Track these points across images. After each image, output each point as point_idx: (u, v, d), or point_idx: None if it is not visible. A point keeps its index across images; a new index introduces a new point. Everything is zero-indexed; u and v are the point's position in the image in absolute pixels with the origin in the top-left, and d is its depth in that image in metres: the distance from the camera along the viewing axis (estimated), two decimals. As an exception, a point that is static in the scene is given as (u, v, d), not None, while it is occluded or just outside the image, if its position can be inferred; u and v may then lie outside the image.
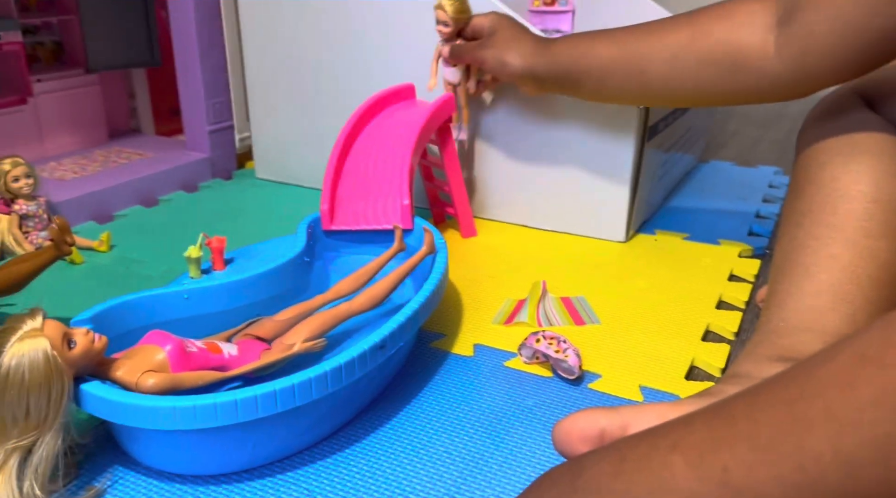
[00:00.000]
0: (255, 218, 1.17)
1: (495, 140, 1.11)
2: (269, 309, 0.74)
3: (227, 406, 0.54)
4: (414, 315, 0.67)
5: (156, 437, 0.57)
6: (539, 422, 0.66)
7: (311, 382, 0.56)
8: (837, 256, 0.60)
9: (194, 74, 1.29)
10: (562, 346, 0.73)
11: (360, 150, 0.97)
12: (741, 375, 0.58)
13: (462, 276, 0.95)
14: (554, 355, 0.72)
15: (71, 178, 1.21)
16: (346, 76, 1.19)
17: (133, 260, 1.01)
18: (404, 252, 0.81)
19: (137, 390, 0.57)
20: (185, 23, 1.26)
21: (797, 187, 0.67)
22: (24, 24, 1.30)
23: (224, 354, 0.64)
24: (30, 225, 1.01)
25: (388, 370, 0.70)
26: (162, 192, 1.26)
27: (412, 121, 0.97)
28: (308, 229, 0.86)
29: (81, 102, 1.37)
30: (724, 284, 0.93)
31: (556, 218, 1.10)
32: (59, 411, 0.55)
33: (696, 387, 0.71)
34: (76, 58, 1.37)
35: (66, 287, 0.93)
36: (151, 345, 0.60)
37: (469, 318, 0.85)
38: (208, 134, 1.33)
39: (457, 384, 0.72)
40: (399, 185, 0.90)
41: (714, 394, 0.54)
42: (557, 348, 0.73)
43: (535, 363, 0.75)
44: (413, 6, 1.10)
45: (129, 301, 0.68)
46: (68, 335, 0.56)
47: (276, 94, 1.28)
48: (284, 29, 1.22)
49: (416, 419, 0.67)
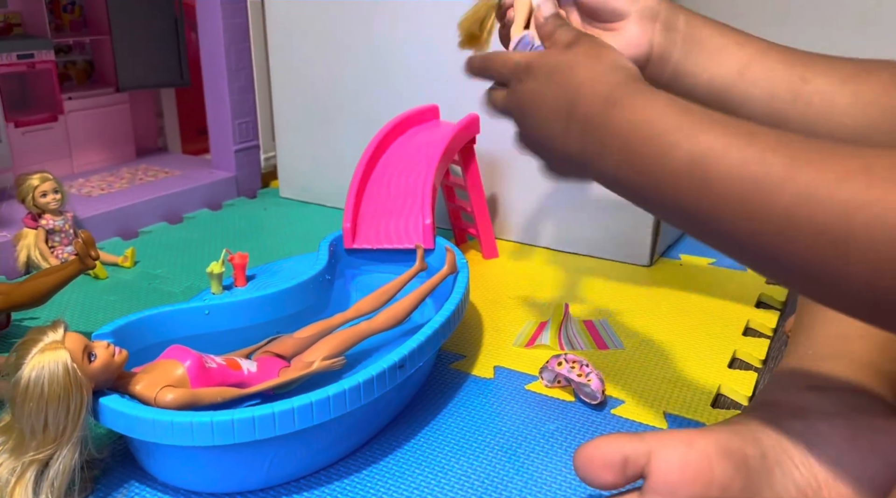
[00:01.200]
0: (278, 236, 1.17)
1: (518, 162, 1.10)
2: (289, 326, 0.74)
3: (245, 423, 0.53)
4: (434, 335, 0.66)
5: (173, 453, 0.57)
6: (561, 447, 0.65)
7: (329, 401, 0.56)
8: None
9: (222, 95, 1.31)
10: (584, 370, 0.71)
11: (383, 169, 0.97)
12: (769, 404, 0.56)
13: (483, 297, 0.95)
14: (576, 379, 0.71)
15: (98, 194, 1.22)
16: (371, 98, 1.20)
17: (156, 276, 1.01)
18: (425, 271, 0.80)
19: (156, 405, 0.57)
20: (214, 45, 1.28)
21: None
22: (58, 44, 1.33)
23: (243, 370, 0.63)
24: (56, 240, 1.02)
25: (406, 391, 0.69)
26: (187, 209, 1.27)
27: (435, 141, 0.97)
28: (330, 247, 0.86)
29: (110, 120, 1.39)
30: (750, 310, 0.91)
31: (580, 241, 1.09)
32: (77, 425, 0.55)
33: (723, 415, 0.69)
34: (107, 77, 1.40)
35: (89, 301, 0.93)
36: (171, 360, 0.60)
37: (490, 339, 0.84)
38: (234, 153, 1.34)
39: (476, 407, 0.71)
40: (421, 204, 0.90)
41: (741, 422, 0.52)
42: (580, 372, 0.71)
43: (556, 387, 0.73)
44: (438, 29, 1.10)
45: (151, 316, 0.68)
46: (89, 348, 0.56)
47: (301, 114, 1.29)
48: (311, 51, 1.23)
49: (435, 442, 0.66)
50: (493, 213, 1.15)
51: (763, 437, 0.50)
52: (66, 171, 1.32)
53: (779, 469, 0.49)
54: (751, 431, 0.51)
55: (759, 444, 0.50)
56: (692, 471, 0.47)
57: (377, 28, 1.16)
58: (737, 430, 0.50)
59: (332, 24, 1.20)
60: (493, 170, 1.12)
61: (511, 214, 1.14)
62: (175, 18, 1.37)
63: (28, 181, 0.99)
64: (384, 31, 1.15)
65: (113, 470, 0.62)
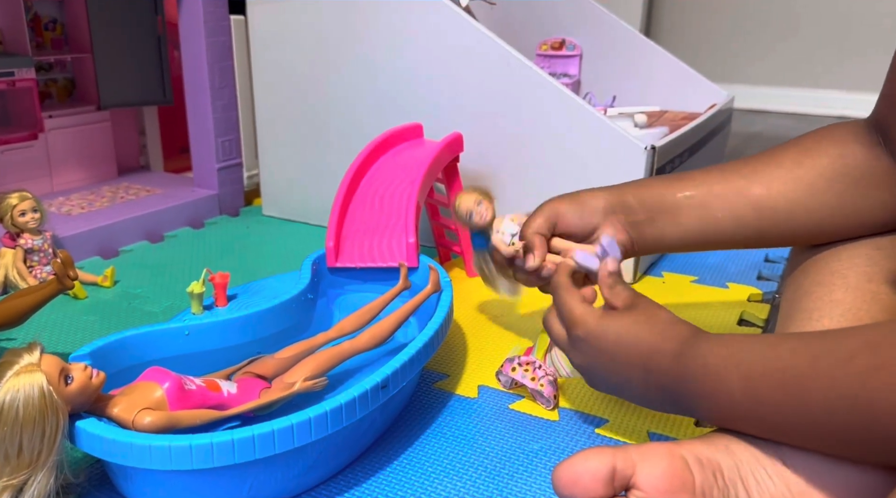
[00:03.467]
0: (261, 254, 1.17)
1: (502, 179, 1.11)
2: (271, 346, 0.73)
3: (224, 446, 0.52)
4: (417, 355, 0.65)
5: (151, 477, 0.56)
6: (545, 467, 0.65)
7: (310, 423, 0.55)
8: (840, 300, 0.60)
9: (205, 113, 1.30)
10: (537, 373, 0.72)
11: (366, 188, 0.97)
12: None
13: (467, 315, 0.94)
14: (530, 385, 0.72)
15: (78, 213, 1.21)
16: (354, 116, 1.20)
17: (136, 295, 1.00)
18: (409, 290, 0.80)
19: (134, 428, 0.56)
20: (197, 63, 1.28)
21: None
22: (39, 62, 1.32)
23: (223, 392, 0.63)
24: (35, 259, 1.01)
25: (389, 411, 0.69)
26: (168, 228, 1.26)
27: (419, 159, 0.98)
28: (313, 266, 0.86)
29: (92, 139, 1.38)
30: (733, 328, 0.91)
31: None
32: (52, 449, 0.54)
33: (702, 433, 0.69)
34: (88, 95, 1.39)
35: (67, 322, 0.92)
36: (150, 382, 0.59)
37: (474, 358, 0.84)
38: (217, 171, 1.34)
39: (460, 427, 0.71)
40: (405, 223, 0.89)
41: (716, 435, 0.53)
42: (533, 375, 0.72)
43: (514, 388, 0.76)
44: (422, 47, 1.11)
45: (129, 337, 0.67)
46: (66, 371, 0.55)
47: (284, 132, 1.28)
48: (294, 70, 1.23)
49: (418, 463, 0.65)
50: (477, 231, 1.15)
51: (737, 449, 0.51)
52: (46, 190, 1.31)
53: (753, 480, 0.50)
54: (725, 444, 0.52)
55: (734, 456, 0.51)
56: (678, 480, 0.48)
57: (361, 46, 1.16)
58: (711, 441, 0.51)
59: (316, 42, 1.20)
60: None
61: (495, 232, 1.14)
62: (158, 36, 1.37)
63: (6, 200, 0.98)
64: (368, 49, 1.15)
65: (90, 495, 0.60)
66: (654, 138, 1.04)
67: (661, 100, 1.50)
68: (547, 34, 1.59)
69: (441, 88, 1.11)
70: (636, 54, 1.54)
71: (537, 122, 1.05)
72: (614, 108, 1.32)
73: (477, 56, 1.07)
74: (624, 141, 0.99)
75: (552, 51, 1.59)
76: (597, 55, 1.58)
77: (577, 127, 1.02)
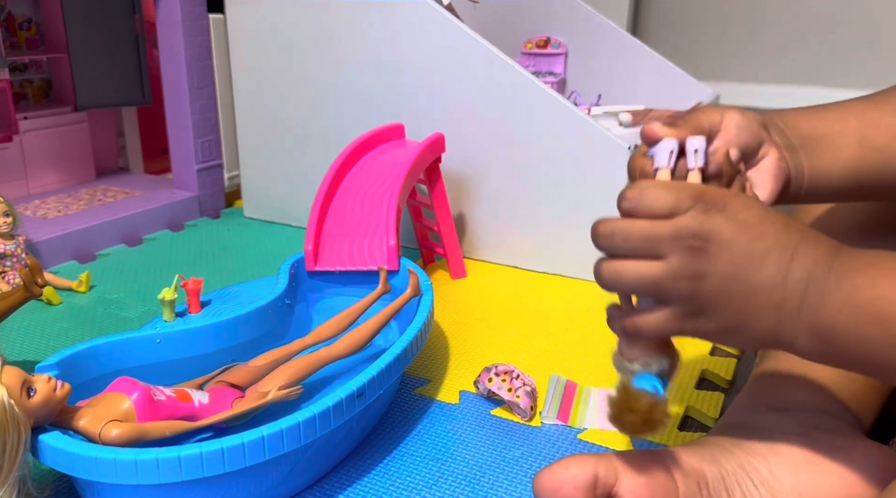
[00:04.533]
0: (242, 257, 1.15)
1: (487, 180, 1.09)
2: (246, 354, 0.71)
3: (192, 460, 0.51)
4: (395, 361, 0.64)
5: (118, 491, 0.54)
6: (526, 475, 0.63)
7: (282, 434, 0.53)
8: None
9: (184, 113, 1.28)
10: (514, 383, 0.71)
11: (347, 189, 0.96)
12: (731, 426, 0.56)
13: (450, 318, 0.93)
14: (507, 396, 0.71)
15: (54, 216, 1.18)
16: (336, 116, 1.18)
17: (112, 301, 0.98)
18: (389, 294, 0.78)
19: (101, 441, 0.54)
20: (175, 62, 1.26)
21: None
22: (13, 62, 1.29)
23: (194, 402, 0.61)
24: (7, 265, 0.98)
25: (367, 419, 0.67)
26: (147, 231, 1.23)
27: (400, 160, 0.96)
28: (291, 270, 0.84)
29: (69, 140, 1.35)
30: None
31: (549, 260, 1.08)
32: (14, 464, 0.52)
33: (690, 438, 0.68)
34: (65, 96, 1.36)
35: (40, 329, 0.90)
36: (117, 393, 0.57)
37: (455, 363, 0.82)
38: (196, 172, 1.31)
39: (440, 434, 0.69)
40: (385, 225, 0.88)
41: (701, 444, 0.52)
42: (510, 386, 0.71)
43: (494, 397, 0.73)
44: (404, 46, 1.09)
45: (99, 346, 0.66)
46: (28, 383, 0.53)
47: (265, 132, 1.26)
48: (274, 69, 1.21)
49: (397, 472, 0.64)
50: (461, 233, 1.13)
51: (722, 459, 0.50)
52: (21, 193, 1.29)
53: (738, 491, 0.49)
54: (710, 453, 0.51)
55: (719, 466, 0.50)
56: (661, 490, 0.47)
57: (342, 46, 1.14)
58: (696, 451, 0.51)
59: (296, 41, 1.18)
60: (459, 189, 1.11)
61: (479, 234, 1.13)
62: (136, 36, 1.34)
63: (-23, 204, 0.95)
64: (349, 48, 1.14)
65: (56, 510, 0.59)
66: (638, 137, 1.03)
67: (646, 98, 1.49)
68: (532, 32, 1.58)
69: (423, 88, 1.10)
70: (622, 52, 1.53)
71: (520, 122, 1.04)
72: (599, 107, 1.31)
73: (459, 55, 1.06)
74: (607, 140, 0.98)
75: (537, 49, 1.57)
76: (582, 53, 1.57)
77: (560, 126, 1.01)
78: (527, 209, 1.07)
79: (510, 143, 1.05)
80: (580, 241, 1.04)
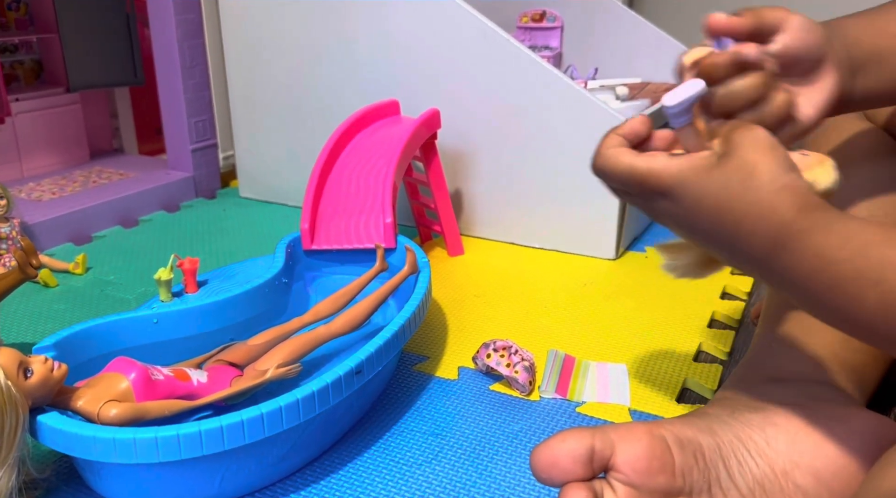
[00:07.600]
0: (238, 237, 1.14)
1: (483, 156, 1.08)
2: (243, 333, 0.71)
3: (191, 438, 0.51)
4: (393, 338, 0.64)
5: (119, 470, 0.54)
6: (525, 448, 0.63)
7: (281, 411, 0.53)
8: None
9: (176, 92, 1.27)
10: (513, 359, 0.71)
11: (342, 167, 0.95)
12: (729, 398, 0.56)
13: (448, 295, 0.93)
14: (505, 372, 0.71)
15: (49, 198, 1.18)
16: (330, 92, 1.17)
17: (108, 282, 0.98)
18: (387, 272, 0.78)
19: (99, 421, 0.54)
20: (166, 41, 1.24)
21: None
22: (3, 43, 1.28)
23: (193, 381, 0.61)
24: (2, 248, 0.98)
25: (366, 396, 0.67)
26: (143, 212, 1.23)
27: (396, 137, 0.95)
28: (287, 249, 0.84)
29: (62, 122, 1.34)
30: (716, 302, 0.90)
31: (545, 236, 1.07)
32: (13, 445, 0.52)
33: (687, 410, 0.68)
34: (57, 77, 1.35)
35: (37, 311, 0.90)
36: (115, 373, 0.57)
37: (454, 339, 0.82)
38: (191, 152, 1.31)
39: (440, 409, 0.69)
40: (382, 202, 0.87)
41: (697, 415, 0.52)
42: (509, 361, 0.71)
43: (492, 371, 0.73)
44: (398, 21, 1.08)
45: (95, 326, 0.65)
46: (25, 364, 0.53)
47: (259, 111, 1.25)
48: (267, 47, 1.20)
49: (397, 448, 0.64)
50: (458, 210, 1.13)
51: (719, 429, 0.50)
52: (15, 176, 1.28)
53: (735, 460, 0.49)
54: (707, 424, 0.51)
55: (715, 436, 0.50)
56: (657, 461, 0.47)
57: (335, 21, 1.13)
58: (692, 422, 0.50)
59: (289, 18, 1.16)
60: (456, 165, 1.11)
61: (476, 210, 1.12)
62: (126, 14, 1.33)
63: (-30, 187, 0.95)
64: (343, 24, 1.12)
65: (58, 490, 0.59)
66: (634, 111, 1.02)
67: (644, 71, 1.48)
68: (527, 5, 1.56)
69: (417, 64, 1.09)
70: (618, 26, 1.51)
71: (516, 97, 1.03)
72: (595, 81, 1.30)
73: (454, 30, 1.04)
74: (604, 113, 0.97)
75: (533, 23, 1.56)
76: (579, 27, 1.55)
77: (556, 100, 1.00)
78: (523, 185, 1.06)
79: (506, 118, 1.05)
80: (577, 216, 1.04)
